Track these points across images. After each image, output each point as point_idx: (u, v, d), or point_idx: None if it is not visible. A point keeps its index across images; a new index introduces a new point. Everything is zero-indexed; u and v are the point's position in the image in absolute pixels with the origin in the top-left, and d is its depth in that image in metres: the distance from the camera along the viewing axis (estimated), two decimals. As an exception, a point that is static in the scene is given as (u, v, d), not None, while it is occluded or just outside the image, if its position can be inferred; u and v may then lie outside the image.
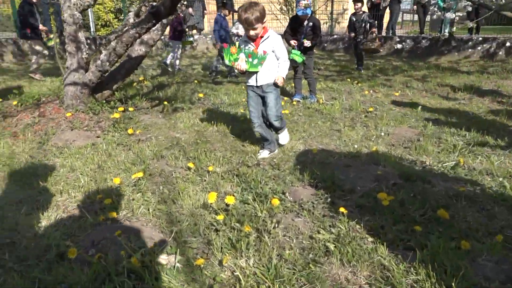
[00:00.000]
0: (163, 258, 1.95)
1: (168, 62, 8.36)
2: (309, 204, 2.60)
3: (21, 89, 5.90)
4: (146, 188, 2.82)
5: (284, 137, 3.71)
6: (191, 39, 8.44)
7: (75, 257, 1.86)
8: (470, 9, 6.90)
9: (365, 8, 10.67)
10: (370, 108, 5.13)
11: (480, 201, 2.63)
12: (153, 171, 3.09)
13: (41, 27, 7.44)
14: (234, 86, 6.65)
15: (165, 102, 5.18)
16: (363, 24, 7.82)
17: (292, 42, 5.38)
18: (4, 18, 13.05)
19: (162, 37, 8.12)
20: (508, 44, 9.68)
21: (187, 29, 8.32)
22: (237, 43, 3.37)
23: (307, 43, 5.30)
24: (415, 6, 11.41)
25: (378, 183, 2.91)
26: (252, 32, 3.19)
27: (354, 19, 7.94)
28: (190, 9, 11.27)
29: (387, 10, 11.43)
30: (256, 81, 3.38)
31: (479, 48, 10.05)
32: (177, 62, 8.52)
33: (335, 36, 11.99)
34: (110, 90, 4.80)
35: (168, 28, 8.11)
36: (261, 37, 3.27)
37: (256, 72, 3.33)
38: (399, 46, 9.30)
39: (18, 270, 1.89)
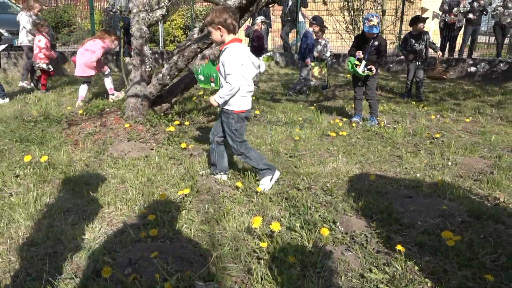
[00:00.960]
0: (199, 285, 1.83)
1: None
2: (362, 237, 2.37)
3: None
4: (192, 205, 2.74)
5: (263, 182, 3.05)
6: (270, 53, 8.20)
7: (110, 276, 1.80)
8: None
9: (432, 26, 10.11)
10: (437, 134, 4.75)
11: None
12: (200, 188, 3.02)
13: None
14: (292, 104, 6.52)
15: (221, 118, 5.15)
16: (424, 46, 6.89)
17: (357, 52, 5.05)
18: (85, 32, 14.05)
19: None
20: None
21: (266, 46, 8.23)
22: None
23: (368, 71, 5.02)
24: (493, 28, 10.64)
25: (443, 220, 2.60)
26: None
27: (413, 41, 6.93)
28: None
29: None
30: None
31: None
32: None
33: (402, 57, 11.50)
34: (169, 103, 4.87)
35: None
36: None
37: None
38: (472, 69, 8.64)
39: (56, 285, 1.86)
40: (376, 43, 5.06)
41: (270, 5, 7.16)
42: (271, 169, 3.07)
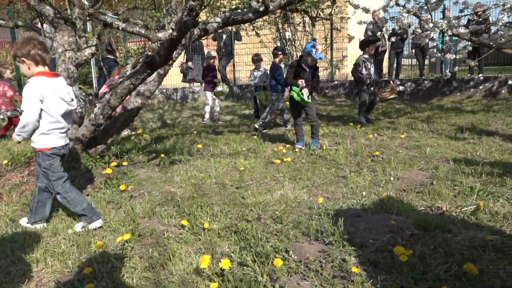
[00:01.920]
0: None
1: (207, 117, 8.23)
2: (316, 263, 2.28)
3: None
4: (134, 251, 2.52)
5: (76, 226, 2.88)
6: (220, 88, 8.04)
7: None
8: (470, 48, 6.82)
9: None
10: (376, 152, 4.89)
11: (511, 252, 2.30)
12: (143, 231, 2.80)
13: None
14: (235, 135, 6.46)
15: (162, 155, 4.97)
16: (374, 69, 7.03)
17: (300, 82, 5.11)
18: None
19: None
20: (510, 82, 9.55)
21: (216, 80, 8.11)
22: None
23: (306, 92, 5.13)
24: (413, 50, 11.48)
25: (393, 235, 2.59)
26: None
27: (369, 64, 6.93)
28: (190, 63, 11.40)
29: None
30: None
31: (481, 87, 9.94)
32: (217, 110, 8.44)
33: (336, 82, 12.01)
34: (104, 144, 4.61)
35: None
36: None
37: None
38: (401, 88, 9.22)
39: None
40: (313, 68, 5.26)
41: (203, 38, 7.20)
42: (88, 216, 2.86)
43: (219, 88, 7.96)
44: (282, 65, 7.22)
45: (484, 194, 3.25)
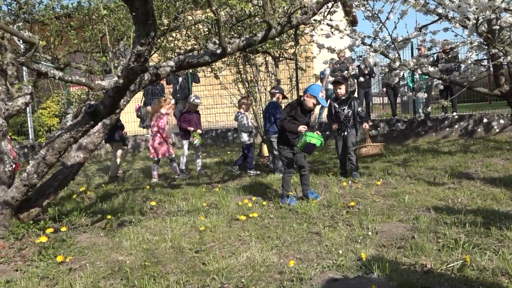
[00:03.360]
0: None
1: (183, 167, 8.00)
2: None
3: None
4: None
5: None
6: (191, 139, 7.81)
7: None
8: (442, 87, 7.20)
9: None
10: (351, 202, 4.92)
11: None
12: (83, 313, 2.61)
13: None
14: (194, 188, 6.35)
15: (109, 216, 4.78)
16: (352, 114, 6.52)
17: (302, 127, 4.97)
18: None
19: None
20: (485, 120, 10.10)
21: (190, 128, 7.92)
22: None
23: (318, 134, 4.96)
24: (384, 89, 11.99)
25: (375, 301, 2.54)
26: None
27: (337, 106, 6.58)
28: (149, 107, 11.35)
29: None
30: None
31: (456, 126, 10.43)
32: (183, 161, 8.12)
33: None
34: (39, 207, 4.39)
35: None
36: None
37: None
38: (373, 132, 9.54)
39: None
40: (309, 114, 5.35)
41: (155, 83, 7.24)
42: None
43: (191, 139, 7.77)
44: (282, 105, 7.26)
45: (469, 246, 3.30)
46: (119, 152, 8.24)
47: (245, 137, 7.78)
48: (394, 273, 2.92)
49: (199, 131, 7.90)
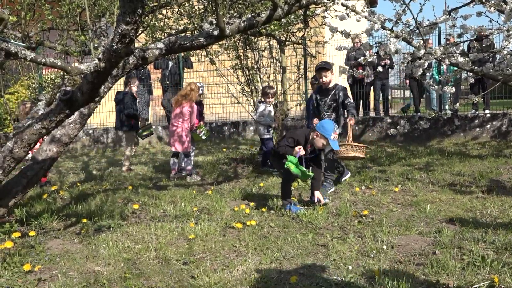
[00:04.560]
0: None
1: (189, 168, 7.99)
2: None
3: None
4: None
5: None
6: (197, 132, 7.82)
7: None
8: (473, 81, 7.21)
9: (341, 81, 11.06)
10: (364, 211, 4.95)
11: None
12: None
13: None
14: (183, 190, 6.39)
15: (84, 220, 4.83)
16: (334, 106, 6.22)
17: (298, 148, 5.00)
18: None
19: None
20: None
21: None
22: None
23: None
24: (407, 81, 12.00)
25: (388, 325, 2.57)
26: None
27: (319, 98, 6.31)
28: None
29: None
30: None
31: (488, 126, 10.45)
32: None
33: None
34: (4, 207, 4.45)
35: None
36: None
37: None
38: (392, 131, 9.55)
39: None
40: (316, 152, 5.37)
41: (141, 67, 7.26)
42: None
43: (198, 131, 7.75)
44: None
45: (498, 265, 3.32)
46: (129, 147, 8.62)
47: (262, 130, 7.89)
48: (411, 293, 2.96)
49: (202, 123, 7.98)
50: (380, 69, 10.93)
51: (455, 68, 6.84)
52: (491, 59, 8.84)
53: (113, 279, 3.41)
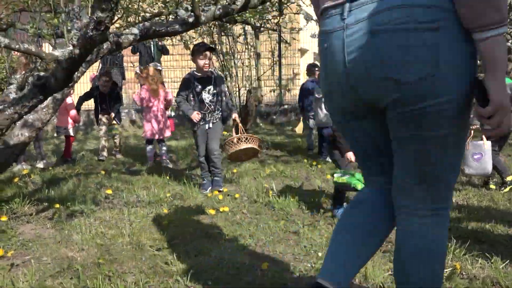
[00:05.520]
0: None
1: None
2: None
3: None
4: None
5: None
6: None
7: None
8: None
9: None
10: (335, 198, 5.06)
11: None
12: (27, 315, 2.67)
13: None
14: (156, 176, 6.41)
15: (57, 205, 4.82)
16: (217, 99, 5.65)
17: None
18: None
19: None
20: None
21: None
22: None
23: None
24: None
25: (355, 310, 2.68)
26: None
27: (200, 86, 5.57)
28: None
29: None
30: None
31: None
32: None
33: (286, 107, 12.39)
34: (-25, 192, 4.39)
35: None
36: None
37: None
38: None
39: None
40: None
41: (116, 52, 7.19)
42: None
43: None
44: None
45: (460, 253, 3.47)
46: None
47: (321, 115, 6.84)
48: (377, 278, 3.08)
49: None
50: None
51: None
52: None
53: (86, 264, 3.43)
